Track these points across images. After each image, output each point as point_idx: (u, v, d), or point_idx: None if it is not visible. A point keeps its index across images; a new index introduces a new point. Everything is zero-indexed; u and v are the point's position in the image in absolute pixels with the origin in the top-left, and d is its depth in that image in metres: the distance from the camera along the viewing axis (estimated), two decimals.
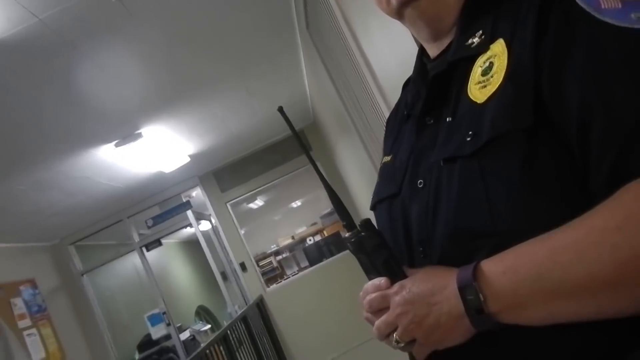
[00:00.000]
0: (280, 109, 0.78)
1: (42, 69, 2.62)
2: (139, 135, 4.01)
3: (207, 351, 3.88)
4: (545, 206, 0.53)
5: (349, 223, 0.69)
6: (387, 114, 2.07)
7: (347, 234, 0.69)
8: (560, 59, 0.52)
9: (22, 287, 4.90)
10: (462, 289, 0.55)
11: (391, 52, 1.70)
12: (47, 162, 3.82)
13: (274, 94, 4.80)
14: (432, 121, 0.69)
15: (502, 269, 0.54)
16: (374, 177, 0.84)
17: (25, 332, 4.58)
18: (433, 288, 0.58)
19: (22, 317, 4.67)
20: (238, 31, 3.25)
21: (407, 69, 1.40)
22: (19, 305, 4.70)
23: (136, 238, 6.00)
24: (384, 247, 0.66)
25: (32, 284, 5.12)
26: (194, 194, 6.51)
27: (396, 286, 0.62)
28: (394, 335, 0.62)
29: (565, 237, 0.50)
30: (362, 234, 0.67)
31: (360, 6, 1.86)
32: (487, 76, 0.59)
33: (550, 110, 0.53)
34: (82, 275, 5.93)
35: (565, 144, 0.52)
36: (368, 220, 0.68)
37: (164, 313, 5.66)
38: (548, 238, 0.51)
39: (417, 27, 0.73)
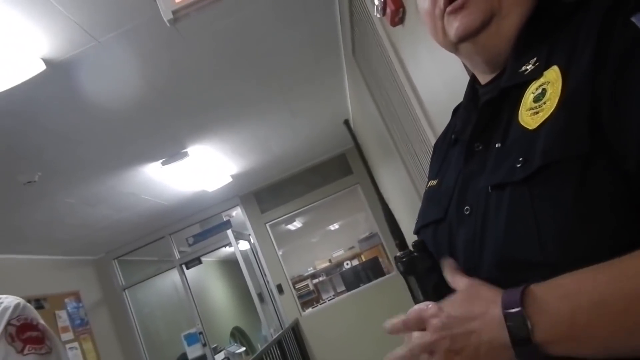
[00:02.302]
0: (346, 122, 0.79)
1: (97, 88, 2.73)
2: (185, 154, 4.10)
3: None
4: (599, 236, 0.50)
5: (401, 242, 0.67)
6: (432, 139, 2.04)
7: (398, 253, 0.66)
8: (622, 83, 0.50)
9: (67, 300, 5.03)
10: (507, 316, 0.51)
11: (439, 76, 1.67)
12: (98, 178, 3.96)
13: (317, 116, 4.84)
14: (480, 147, 0.67)
15: (558, 294, 0.49)
16: (416, 202, 0.82)
17: (67, 346, 4.68)
18: (473, 312, 0.54)
19: (65, 329, 4.78)
20: (283, 54, 3.31)
21: (453, 93, 1.37)
22: (63, 317, 4.82)
23: (177, 255, 6.10)
24: (435, 271, 0.64)
25: (77, 297, 5.26)
26: (234, 213, 6.59)
27: (434, 308, 0.57)
28: None
29: (629, 265, 0.47)
30: (415, 254, 0.64)
31: (408, 32, 1.85)
32: (540, 102, 0.57)
33: (609, 135, 0.51)
34: (124, 290, 6.06)
35: (622, 172, 0.50)
36: (422, 242, 0.66)
37: (201, 333, 5.68)
38: (609, 266, 0.48)
39: (474, 61, 0.72)
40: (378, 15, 2.01)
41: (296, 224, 8.51)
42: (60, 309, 4.85)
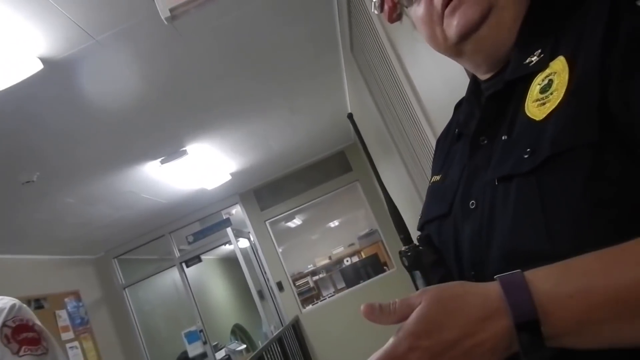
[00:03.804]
0: (350, 116, 0.79)
1: (95, 87, 2.72)
2: (184, 153, 4.09)
3: None
4: (609, 225, 0.49)
5: (406, 237, 0.66)
6: (431, 136, 2.03)
7: (403, 248, 0.65)
8: (632, 67, 0.49)
9: (66, 299, 5.03)
10: (520, 328, 0.46)
11: (438, 73, 1.66)
12: (97, 177, 3.95)
13: (316, 113, 4.83)
14: (485, 141, 0.66)
15: (569, 292, 0.46)
16: (415, 199, 0.82)
17: (67, 345, 4.68)
18: (468, 326, 0.48)
19: (65, 329, 4.78)
20: (282, 51, 3.30)
21: (453, 90, 1.36)
22: (63, 317, 4.82)
23: (176, 253, 6.10)
24: (441, 265, 0.63)
25: (77, 296, 5.26)
26: (233, 211, 6.58)
27: (404, 341, 0.50)
28: None
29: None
30: (420, 248, 0.64)
31: (406, 29, 1.84)
32: (546, 93, 0.56)
33: (618, 120, 0.49)
34: (124, 289, 6.06)
35: (633, 159, 0.49)
36: (428, 236, 0.65)
37: (201, 331, 5.69)
38: (619, 251, 0.45)
39: (475, 61, 0.71)
40: (376, 12, 2.00)
41: (296, 222, 8.51)
42: (60, 308, 4.85)
